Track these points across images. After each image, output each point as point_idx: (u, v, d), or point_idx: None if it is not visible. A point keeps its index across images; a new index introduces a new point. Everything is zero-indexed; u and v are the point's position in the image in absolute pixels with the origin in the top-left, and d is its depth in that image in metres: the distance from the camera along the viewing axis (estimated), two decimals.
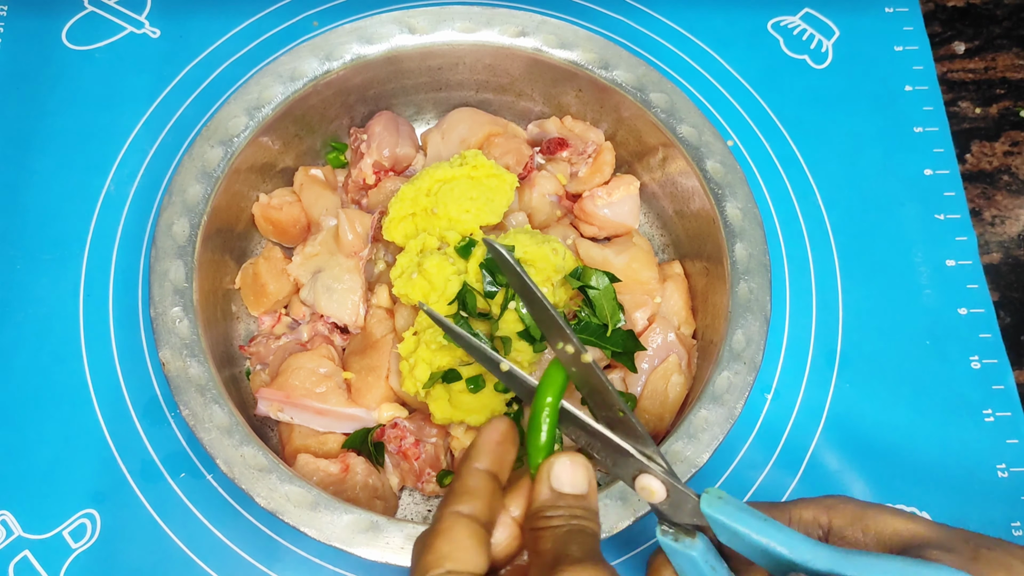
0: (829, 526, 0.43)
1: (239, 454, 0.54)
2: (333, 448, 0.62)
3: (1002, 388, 0.71)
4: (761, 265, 0.61)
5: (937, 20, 0.86)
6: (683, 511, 0.42)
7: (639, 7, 0.84)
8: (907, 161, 0.79)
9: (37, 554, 0.62)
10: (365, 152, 0.69)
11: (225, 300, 0.66)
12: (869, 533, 0.42)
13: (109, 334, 0.69)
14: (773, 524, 0.39)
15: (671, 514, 0.42)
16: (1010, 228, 0.78)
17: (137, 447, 0.66)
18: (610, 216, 0.69)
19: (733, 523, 0.40)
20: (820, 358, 0.71)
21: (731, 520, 0.40)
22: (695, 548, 0.41)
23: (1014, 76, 0.84)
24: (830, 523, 0.43)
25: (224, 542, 0.63)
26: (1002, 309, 0.74)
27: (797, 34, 0.84)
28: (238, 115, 0.64)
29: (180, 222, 0.61)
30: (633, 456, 0.42)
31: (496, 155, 0.69)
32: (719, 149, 0.65)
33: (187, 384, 0.56)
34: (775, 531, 0.39)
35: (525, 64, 0.69)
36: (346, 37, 0.67)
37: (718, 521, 0.40)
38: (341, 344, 0.66)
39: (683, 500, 0.41)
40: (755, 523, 0.39)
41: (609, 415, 0.42)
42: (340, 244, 0.66)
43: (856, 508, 0.43)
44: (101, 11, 0.82)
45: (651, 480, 0.41)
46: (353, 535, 0.52)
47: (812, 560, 0.38)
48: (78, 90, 0.78)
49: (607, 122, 0.71)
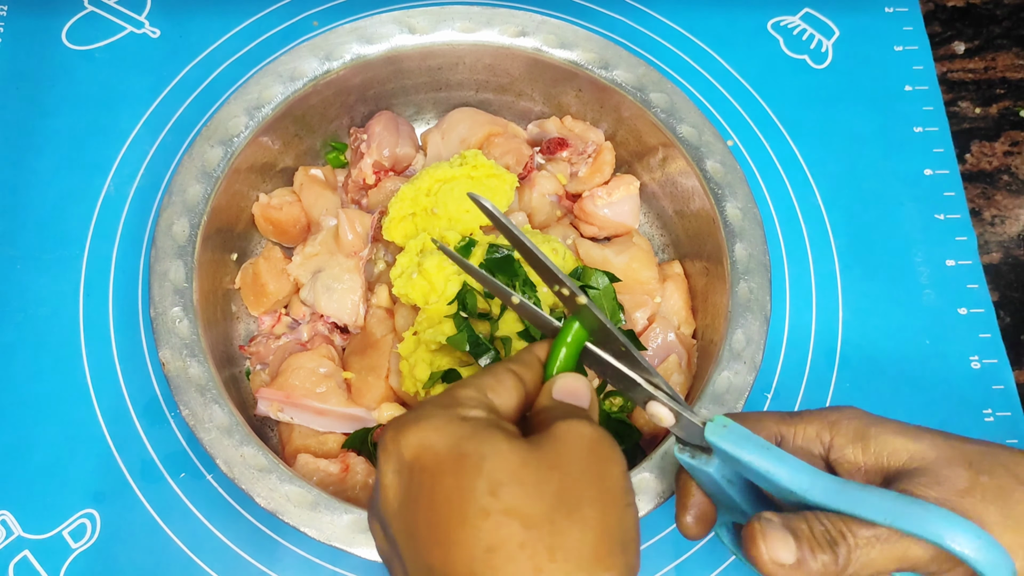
0: (831, 444, 0.43)
1: (239, 454, 0.54)
2: (333, 448, 0.62)
3: (1002, 388, 0.71)
4: (761, 265, 0.61)
5: (937, 20, 0.86)
6: (692, 435, 0.43)
7: (639, 7, 0.84)
8: (907, 161, 0.79)
9: (37, 554, 0.62)
10: (365, 152, 0.69)
11: (225, 300, 0.66)
12: (868, 452, 0.42)
13: (109, 334, 0.69)
14: (775, 452, 0.41)
15: (685, 437, 0.44)
16: (1010, 228, 0.78)
17: (137, 447, 0.66)
18: (610, 216, 0.69)
19: (735, 450, 0.41)
20: (820, 358, 0.71)
21: (734, 448, 0.41)
22: (711, 464, 0.43)
23: (1014, 76, 0.84)
24: (832, 441, 0.43)
25: (224, 542, 0.63)
26: (1002, 309, 0.74)
27: (797, 34, 0.84)
28: (238, 115, 0.64)
29: (180, 222, 0.61)
30: (640, 385, 0.44)
31: (496, 155, 0.69)
32: (719, 149, 0.65)
33: (187, 384, 0.56)
34: (776, 460, 0.40)
35: (525, 64, 0.69)
36: (346, 37, 0.67)
37: (721, 449, 0.41)
38: (341, 344, 0.66)
39: (691, 426, 0.43)
40: (757, 451, 0.41)
41: (613, 350, 0.45)
42: (340, 244, 0.66)
43: (859, 425, 0.43)
44: (101, 11, 0.82)
45: (659, 407, 0.44)
46: (353, 535, 0.52)
47: (809, 491, 0.39)
48: (78, 90, 0.78)
49: (607, 122, 0.71)
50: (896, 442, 0.42)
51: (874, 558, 0.38)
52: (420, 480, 0.37)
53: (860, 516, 0.38)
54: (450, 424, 0.38)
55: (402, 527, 0.37)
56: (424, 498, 0.36)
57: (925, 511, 0.38)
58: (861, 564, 0.38)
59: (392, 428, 0.38)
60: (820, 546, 0.38)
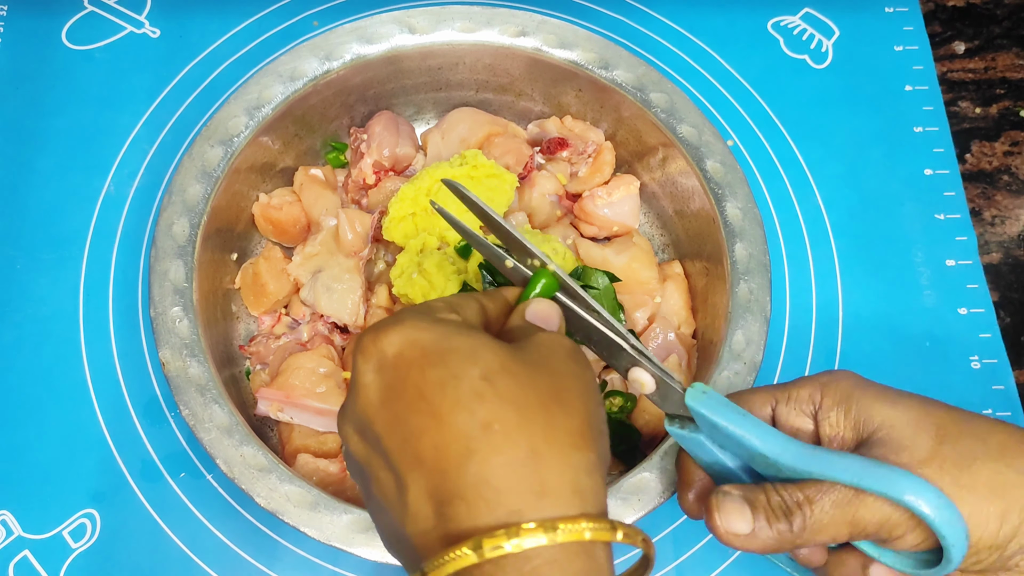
0: (820, 404, 0.45)
1: (239, 454, 0.54)
2: (333, 448, 0.62)
3: (1002, 388, 0.71)
4: (761, 265, 0.61)
5: (937, 20, 0.86)
6: (672, 403, 0.44)
7: (639, 7, 0.84)
8: (907, 161, 0.79)
9: (37, 554, 0.62)
10: (365, 152, 0.69)
11: (225, 300, 0.66)
12: (850, 416, 0.43)
13: (109, 334, 0.69)
14: (750, 419, 0.42)
15: (663, 406, 0.45)
16: (1010, 228, 0.78)
17: (137, 447, 0.66)
18: (610, 216, 0.69)
19: (713, 416, 0.42)
20: (820, 358, 0.71)
21: (711, 413, 0.42)
22: (700, 433, 0.44)
23: (1014, 76, 0.84)
24: (821, 401, 0.45)
25: (224, 542, 0.63)
26: (1002, 309, 0.74)
27: (797, 34, 0.84)
28: (238, 115, 0.64)
29: (180, 222, 0.61)
30: (625, 350, 0.45)
31: (496, 155, 0.69)
32: (719, 149, 0.65)
33: (187, 384, 0.56)
34: (751, 426, 0.42)
35: (525, 64, 0.69)
36: (346, 37, 0.67)
37: (700, 414, 0.43)
38: (341, 344, 0.66)
39: (671, 393, 0.44)
40: (733, 417, 0.42)
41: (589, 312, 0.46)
42: (340, 244, 0.66)
43: (847, 388, 0.44)
44: (101, 11, 0.82)
45: (641, 373, 0.45)
46: (353, 535, 0.52)
47: (781, 455, 0.41)
48: (78, 90, 0.78)
49: (607, 122, 0.71)
50: (873, 407, 0.43)
51: (826, 523, 0.40)
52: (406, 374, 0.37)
53: (827, 477, 0.40)
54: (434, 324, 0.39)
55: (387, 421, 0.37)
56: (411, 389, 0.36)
57: (889, 472, 0.39)
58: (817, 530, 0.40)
59: (371, 331, 0.38)
60: (776, 516, 0.41)
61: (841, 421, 0.43)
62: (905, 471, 0.39)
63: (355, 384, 0.39)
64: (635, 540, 0.37)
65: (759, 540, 0.41)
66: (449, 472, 0.35)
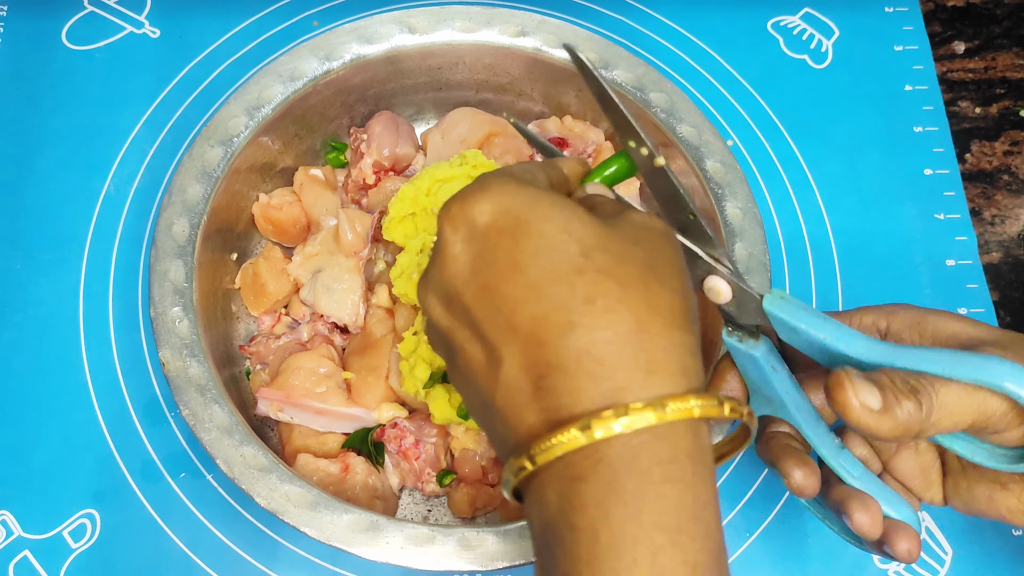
0: (888, 329, 0.44)
1: (239, 454, 0.54)
2: (333, 448, 0.62)
3: None
4: (761, 265, 0.61)
5: (937, 20, 0.86)
6: (747, 311, 0.44)
7: (639, 7, 0.84)
8: (907, 161, 0.79)
9: (37, 554, 0.62)
10: (365, 152, 0.69)
11: (225, 300, 0.66)
12: (926, 335, 0.43)
13: (109, 334, 0.69)
14: (831, 321, 0.41)
15: (737, 315, 0.44)
16: (1010, 228, 0.78)
17: (137, 447, 0.66)
18: None
19: (793, 320, 0.41)
20: None
21: (791, 318, 0.41)
22: (757, 349, 0.44)
23: (1014, 76, 0.84)
24: (888, 327, 0.44)
25: (224, 542, 0.63)
26: (1002, 309, 0.74)
27: (797, 34, 0.84)
28: (238, 115, 0.64)
29: (180, 222, 0.61)
30: (701, 258, 0.44)
31: (496, 155, 0.69)
32: (719, 149, 0.65)
33: (187, 384, 0.56)
34: (832, 327, 0.41)
35: (525, 64, 0.69)
36: (346, 37, 0.67)
37: (779, 319, 0.42)
38: (341, 344, 0.66)
39: (748, 300, 0.43)
40: (814, 320, 0.41)
41: (681, 218, 0.45)
42: (340, 244, 0.66)
43: (916, 313, 0.44)
44: (101, 11, 0.82)
45: (718, 281, 0.44)
46: (353, 535, 0.52)
47: (866, 354, 0.40)
48: (78, 90, 0.78)
49: (607, 122, 0.71)
50: (955, 325, 0.42)
51: (954, 408, 0.38)
52: (498, 242, 0.36)
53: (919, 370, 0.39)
54: (523, 188, 0.37)
55: (478, 291, 0.36)
56: (504, 258, 0.35)
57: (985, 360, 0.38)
58: (943, 413, 0.38)
59: (458, 200, 0.37)
60: (904, 393, 0.38)
61: (917, 340, 0.43)
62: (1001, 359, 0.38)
63: (442, 253, 0.37)
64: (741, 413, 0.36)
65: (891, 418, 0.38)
66: (549, 343, 0.34)
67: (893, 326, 0.44)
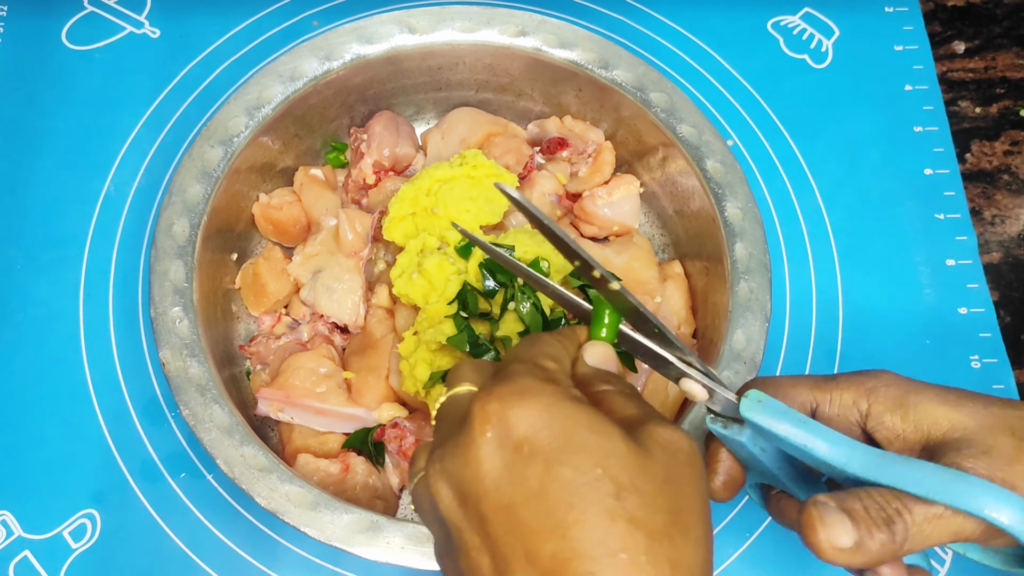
0: (869, 412, 0.43)
1: (239, 454, 0.54)
2: (333, 448, 0.62)
3: (1002, 388, 0.71)
4: (761, 265, 0.61)
5: (937, 19, 0.86)
6: (726, 409, 0.44)
7: (639, 7, 0.84)
8: (907, 161, 0.79)
9: (37, 554, 0.62)
10: (365, 152, 0.69)
11: (225, 300, 0.66)
12: (908, 420, 0.42)
13: (109, 334, 0.69)
14: (811, 426, 0.41)
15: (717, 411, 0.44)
16: (1010, 228, 0.78)
17: (137, 447, 0.66)
18: (610, 216, 0.69)
19: (772, 425, 0.41)
20: (820, 358, 0.71)
21: (770, 423, 0.41)
22: (743, 434, 0.44)
23: (1014, 76, 0.84)
24: (869, 410, 0.43)
25: (224, 542, 0.63)
26: (1002, 309, 0.74)
27: (797, 34, 0.84)
28: (238, 115, 0.64)
29: (180, 222, 0.61)
30: (674, 363, 0.45)
31: (496, 155, 0.69)
32: (719, 149, 0.65)
33: (187, 384, 0.56)
34: (813, 433, 0.41)
35: (525, 64, 0.69)
36: (346, 37, 0.67)
37: (757, 424, 0.42)
38: (341, 344, 0.66)
39: (725, 400, 0.44)
40: (794, 425, 0.41)
41: (646, 331, 0.45)
42: (340, 244, 0.66)
43: (898, 393, 0.43)
44: (101, 11, 0.82)
45: (692, 384, 0.44)
46: (353, 535, 0.52)
47: (847, 463, 0.40)
48: (78, 90, 0.78)
49: (607, 122, 0.71)
50: (937, 411, 0.41)
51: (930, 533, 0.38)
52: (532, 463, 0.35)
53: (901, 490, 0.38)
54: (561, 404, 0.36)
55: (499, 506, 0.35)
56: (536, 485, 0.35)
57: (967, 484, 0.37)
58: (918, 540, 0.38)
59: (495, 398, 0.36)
60: (877, 525, 0.38)
61: (899, 425, 0.42)
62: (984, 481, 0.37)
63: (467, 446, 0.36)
64: None
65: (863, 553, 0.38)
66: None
67: (875, 407, 0.43)
